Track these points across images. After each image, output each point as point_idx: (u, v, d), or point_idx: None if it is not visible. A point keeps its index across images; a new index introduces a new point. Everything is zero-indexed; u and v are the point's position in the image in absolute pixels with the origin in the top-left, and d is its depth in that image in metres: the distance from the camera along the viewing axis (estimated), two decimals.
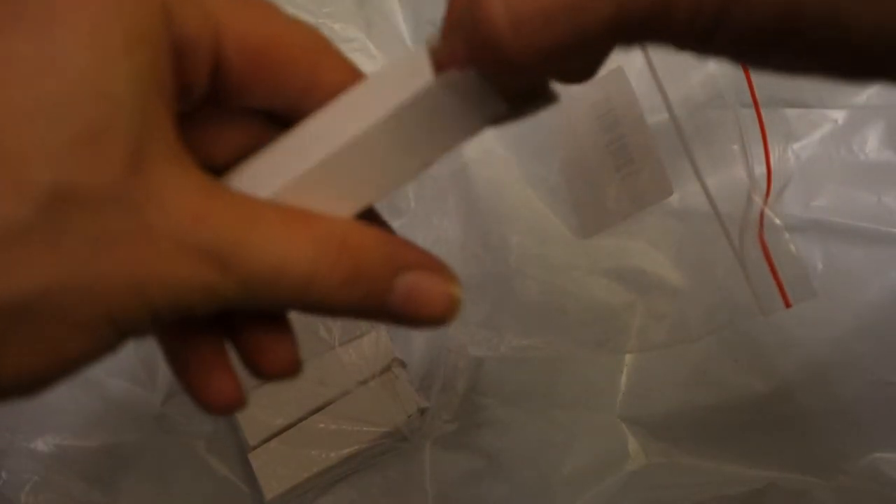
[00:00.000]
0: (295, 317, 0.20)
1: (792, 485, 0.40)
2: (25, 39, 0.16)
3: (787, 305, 0.32)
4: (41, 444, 0.40)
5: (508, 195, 0.45)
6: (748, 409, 0.40)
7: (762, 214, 0.33)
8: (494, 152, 0.46)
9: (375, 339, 0.40)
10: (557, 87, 0.20)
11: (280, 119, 0.21)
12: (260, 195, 0.19)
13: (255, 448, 0.39)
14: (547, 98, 0.20)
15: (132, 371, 0.41)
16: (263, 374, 0.20)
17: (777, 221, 0.34)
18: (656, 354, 0.42)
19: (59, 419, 0.41)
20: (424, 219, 0.43)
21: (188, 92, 0.19)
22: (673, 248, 0.42)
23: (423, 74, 0.19)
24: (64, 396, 0.41)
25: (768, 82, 0.44)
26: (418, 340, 0.42)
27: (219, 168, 0.20)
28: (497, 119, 0.20)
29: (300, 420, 0.39)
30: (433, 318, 0.20)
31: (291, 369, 0.21)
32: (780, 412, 0.40)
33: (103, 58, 0.16)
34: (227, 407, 0.21)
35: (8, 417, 0.40)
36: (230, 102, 0.20)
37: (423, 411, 0.40)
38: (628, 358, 0.43)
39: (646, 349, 0.42)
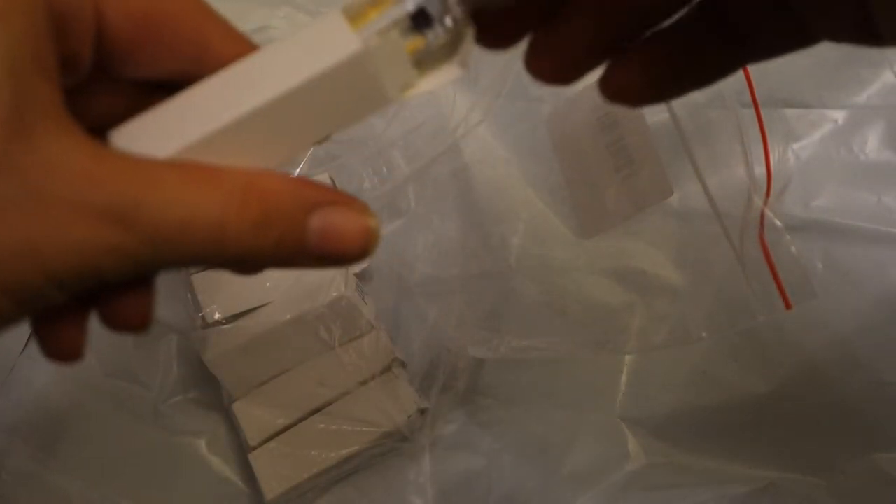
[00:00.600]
0: (296, 319, 0.20)
1: (792, 485, 0.40)
2: None
3: (788, 307, 0.32)
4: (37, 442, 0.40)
5: (508, 195, 0.45)
6: (748, 409, 0.40)
7: (762, 215, 0.33)
8: (494, 152, 0.46)
9: (375, 340, 0.40)
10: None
11: (174, 89, 0.20)
12: (159, 156, 0.19)
13: (255, 448, 0.39)
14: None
15: (132, 371, 0.41)
16: (115, 326, 0.20)
17: (777, 223, 0.34)
18: (656, 355, 0.42)
19: (58, 417, 0.41)
20: (424, 219, 0.43)
21: (73, 62, 0.19)
22: (673, 249, 0.42)
23: (340, 44, 0.19)
24: (63, 394, 0.41)
25: (768, 82, 0.44)
26: (418, 341, 0.42)
27: None
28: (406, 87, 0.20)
29: (300, 420, 0.39)
30: (353, 252, 0.19)
31: (143, 326, 0.20)
32: (780, 412, 0.40)
33: None
34: (65, 359, 0.20)
35: (7, 416, 0.40)
36: (119, 73, 0.20)
37: (422, 411, 0.40)
38: (628, 358, 0.43)
39: (646, 349, 0.42)
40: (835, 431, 0.40)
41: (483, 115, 0.37)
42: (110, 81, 0.20)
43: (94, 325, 0.21)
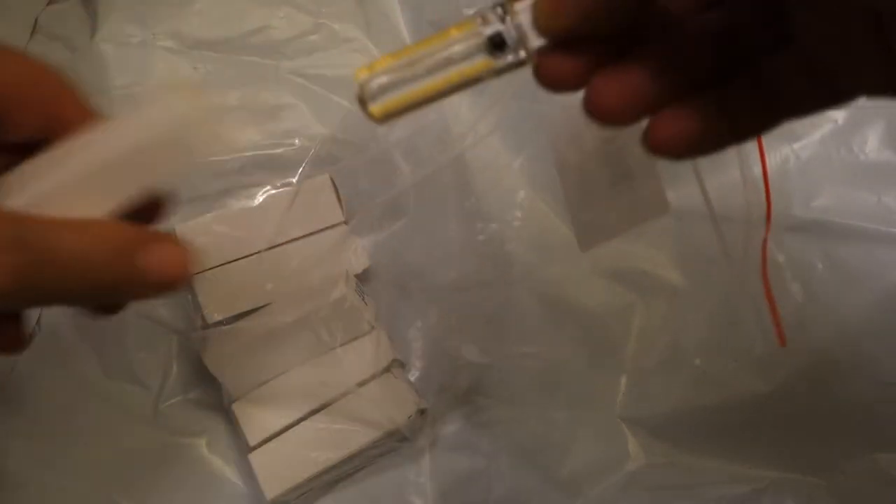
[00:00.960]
0: (296, 320, 0.21)
1: (792, 485, 0.40)
2: None
3: (782, 344, 0.32)
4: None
5: (509, 195, 0.45)
6: (748, 409, 0.40)
7: (765, 247, 0.33)
8: (496, 152, 0.46)
9: (375, 340, 0.40)
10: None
11: (29, 150, 0.24)
12: (15, 205, 0.23)
13: (255, 448, 0.39)
14: None
15: (132, 371, 0.41)
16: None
17: (780, 258, 0.34)
18: (656, 355, 0.42)
19: (58, 417, 0.41)
20: (425, 220, 0.43)
21: None
22: (673, 249, 0.42)
23: (163, 115, 0.24)
24: (63, 394, 0.41)
25: None
26: (418, 341, 0.42)
27: None
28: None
29: (300, 420, 0.39)
30: (174, 278, 0.24)
31: (19, 349, 0.25)
32: (780, 412, 0.40)
33: None
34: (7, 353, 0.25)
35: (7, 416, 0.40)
36: None
37: (422, 412, 0.40)
38: (628, 358, 0.43)
39: (646, 350, 0.42)
40: (835, 431, 0.40)
41: (493, 126, 0.37)
42: None
43: (95, 325, 0.21)
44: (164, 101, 0.24)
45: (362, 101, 0.22)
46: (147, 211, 0.26)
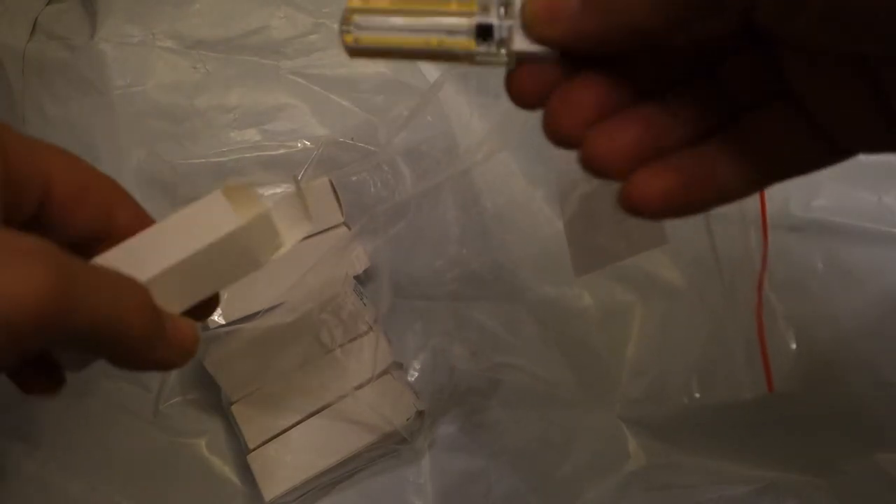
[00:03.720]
0: (295, 322, 0.21)
1: (792, 485, 0.40)
2: None
3: (770, 390, 0.33)
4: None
5: (508, 195, 0.45)
6: (748, 409, 0.40)
7: (761, 288, 0.34)
8: (497, 153, 0.46)
9: (374, 343, 0.40)
10: None
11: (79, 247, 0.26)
12: None
13: (253, 450, 0.39)
14: None
15: (132, 372, 0.41)
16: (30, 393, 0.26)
17: (778, 307, 0.34)
18: (656, 355, 0.42)
19: (58, 417, 0.41)
20: (425, 219, 0.43)
21: (17, 210, 0.24)
22: (673, 249, 0.42)
23: (225, 219, 0.25)
24: (63, 395, 0.41)
25: None
26: (416, 343, 0.42)
27: None
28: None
29: (299, 422, 0.39)
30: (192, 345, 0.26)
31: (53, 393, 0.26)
32: (780, 412, 0.40)
33: None
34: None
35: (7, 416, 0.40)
36: (49, 225, 0.25)
37: (421, 413, 0.40)
38: (628, 358, 0.43)
39: (646, 348, 0.42)
40: (835, 431, 0.40)
41: (504, 142, 0.38)
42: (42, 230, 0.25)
43: None
44: (225, 211, 0.25)
45: (342, 27, 0.23)
46: (199, 308, 0.27)
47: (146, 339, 0.24)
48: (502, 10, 0.23)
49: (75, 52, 0.47)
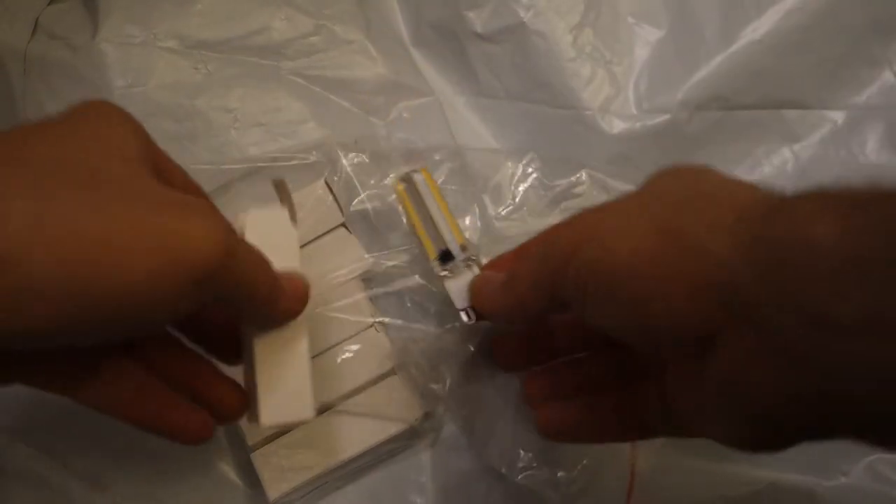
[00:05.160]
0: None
1: (792, 485, 0.40)
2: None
3: None
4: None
5: (508, 194, 0.45)
6: None
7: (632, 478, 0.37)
8: (495, 153, 0.46)
9: (377, 342, 0.40)
10: None
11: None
12: None
13: (257, 449, 0.39)
14: None
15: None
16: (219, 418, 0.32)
17: None
18: None
19: (58, 417, 0.40)
20: None
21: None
22: None
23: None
24: (62, 398, 0.41)
25: (768, 83, 0.44)
26: (420, 343, 0.42)
27: None
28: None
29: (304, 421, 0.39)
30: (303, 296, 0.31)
31: (239, 413, 0.32)
32: None
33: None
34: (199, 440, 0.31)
35: (7, 416, 0.40)
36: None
37: (427, 415, 0.40)
38: None
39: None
40: None
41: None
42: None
43: None
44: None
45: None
46: None
47: (271, 294, 0.29)
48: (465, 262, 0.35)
49: (76, 52, 0.47)
